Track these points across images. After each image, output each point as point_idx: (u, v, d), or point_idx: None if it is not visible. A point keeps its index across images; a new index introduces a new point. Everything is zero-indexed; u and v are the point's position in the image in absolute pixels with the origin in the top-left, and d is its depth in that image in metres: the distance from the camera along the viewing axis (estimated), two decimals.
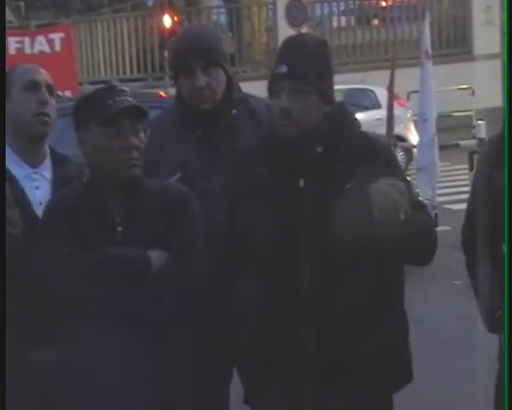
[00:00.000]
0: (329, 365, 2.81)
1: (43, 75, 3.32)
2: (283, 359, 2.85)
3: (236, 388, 3.27)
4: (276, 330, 2.86)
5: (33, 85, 3.23)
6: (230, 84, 3.38)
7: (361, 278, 2.79)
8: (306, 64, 2.84)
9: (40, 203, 3.18)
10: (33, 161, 3.26)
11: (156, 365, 2.80)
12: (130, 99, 2.87)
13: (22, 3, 24.99)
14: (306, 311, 2.81)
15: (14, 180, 3.14)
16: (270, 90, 2.92)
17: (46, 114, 3.22)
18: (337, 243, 2.74)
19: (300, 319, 2.81)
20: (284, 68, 2.85)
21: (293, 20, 20.44)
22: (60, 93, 10.33)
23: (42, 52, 11.31)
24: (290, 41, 2.97)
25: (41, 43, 11.40)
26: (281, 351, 2.85)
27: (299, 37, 3.07)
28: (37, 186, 3.23)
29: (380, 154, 2.91)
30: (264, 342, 2.89)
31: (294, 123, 2.83)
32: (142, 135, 2.88)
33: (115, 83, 3.02)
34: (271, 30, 20.06)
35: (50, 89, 3.28)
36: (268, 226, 2.85)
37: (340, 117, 2.94)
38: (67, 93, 10.62)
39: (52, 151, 3.34)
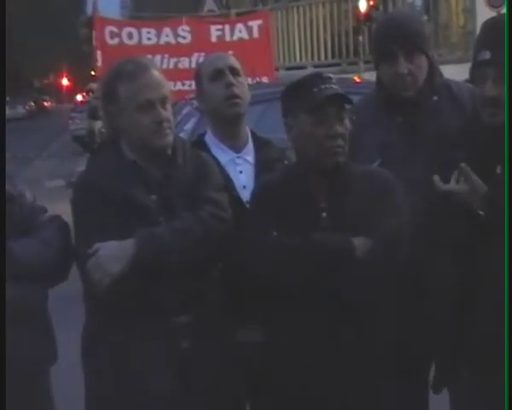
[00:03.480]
0: None
1: (226, 60, 3.42)
2: (477, 346, 2.82)
3: None
4: (468, 316, 2.83)
5: (217, 73, 3.35)
6: (432, 70, 3.34)
7: None
8: None
9: (244, 187, 3.29)
10: (236, 146, 3.37)
11: (358, 351, 2.84)
12: (335, 87, 2.91)
13: None
14: (497, 299, 2.73)
15: (219, 165, 3.25)
16: (473, 76, 2.86)
17: (234, 96, 3.32)
18: None
19: (493, 307, 2.75)
20: (487, 55, 2.77)
21: (492, 1, 19.70)
22: (257, 79, 10.54)
23: (240, 39, 11.48)
24: (491, 24, 2.88)
25: (240, 31, 11.57)
26: (474, 338, 2.82)
27: (501, 19, 2.93)
28: (241, 170, 3.34)
29: None
30: (458, 328, 2.88)
31: (502, 111, 2.75)
32: (346, 122, 2.91)
33: (318, 70, 3.06)
34: (469, 11, 19.46)
35: (235, 70, 3.38)
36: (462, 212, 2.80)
37: None
38: (265, 79, 10.77)
39: (253, 135, 3.44)
